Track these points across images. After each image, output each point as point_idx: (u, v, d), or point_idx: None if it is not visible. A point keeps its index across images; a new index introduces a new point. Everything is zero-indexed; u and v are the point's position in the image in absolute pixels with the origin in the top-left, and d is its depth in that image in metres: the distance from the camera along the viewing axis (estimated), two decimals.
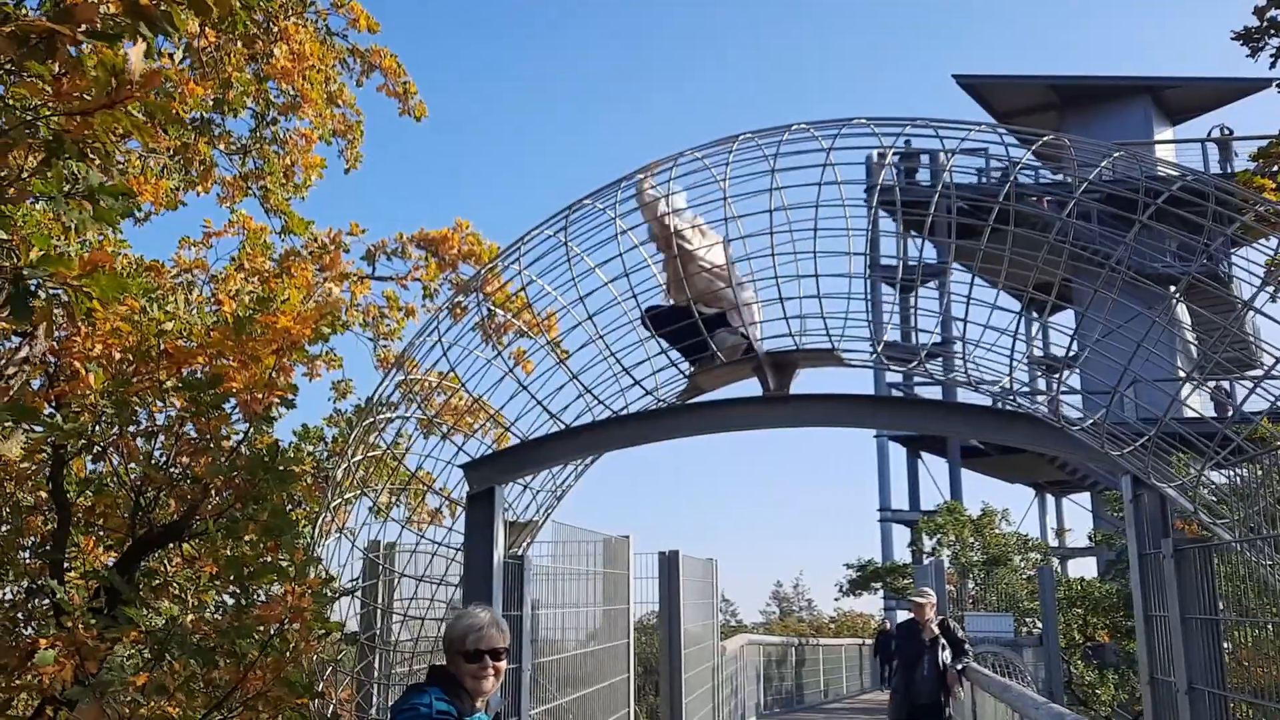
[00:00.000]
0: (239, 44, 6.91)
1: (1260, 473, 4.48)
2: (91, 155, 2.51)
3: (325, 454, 9.55)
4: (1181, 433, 5.16)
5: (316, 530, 6.64)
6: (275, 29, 7.25)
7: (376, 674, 6.80)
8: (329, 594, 4.74)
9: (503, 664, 3.78)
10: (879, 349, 5.67)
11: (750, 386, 6.02)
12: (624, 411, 6.04)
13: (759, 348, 5.65)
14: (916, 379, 29.87)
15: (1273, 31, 6.81)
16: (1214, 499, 4.89)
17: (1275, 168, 7.29)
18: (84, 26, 2.15)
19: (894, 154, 5.68)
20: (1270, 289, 5.19)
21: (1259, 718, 4.28)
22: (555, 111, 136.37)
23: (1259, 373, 4.76)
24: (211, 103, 7.04)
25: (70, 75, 2.37)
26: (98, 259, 2.27)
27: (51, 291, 2.33)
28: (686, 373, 6.11)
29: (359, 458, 6.97)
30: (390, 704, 3.78)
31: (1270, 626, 4.34)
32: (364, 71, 8.88)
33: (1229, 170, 28.83)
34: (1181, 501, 4.70)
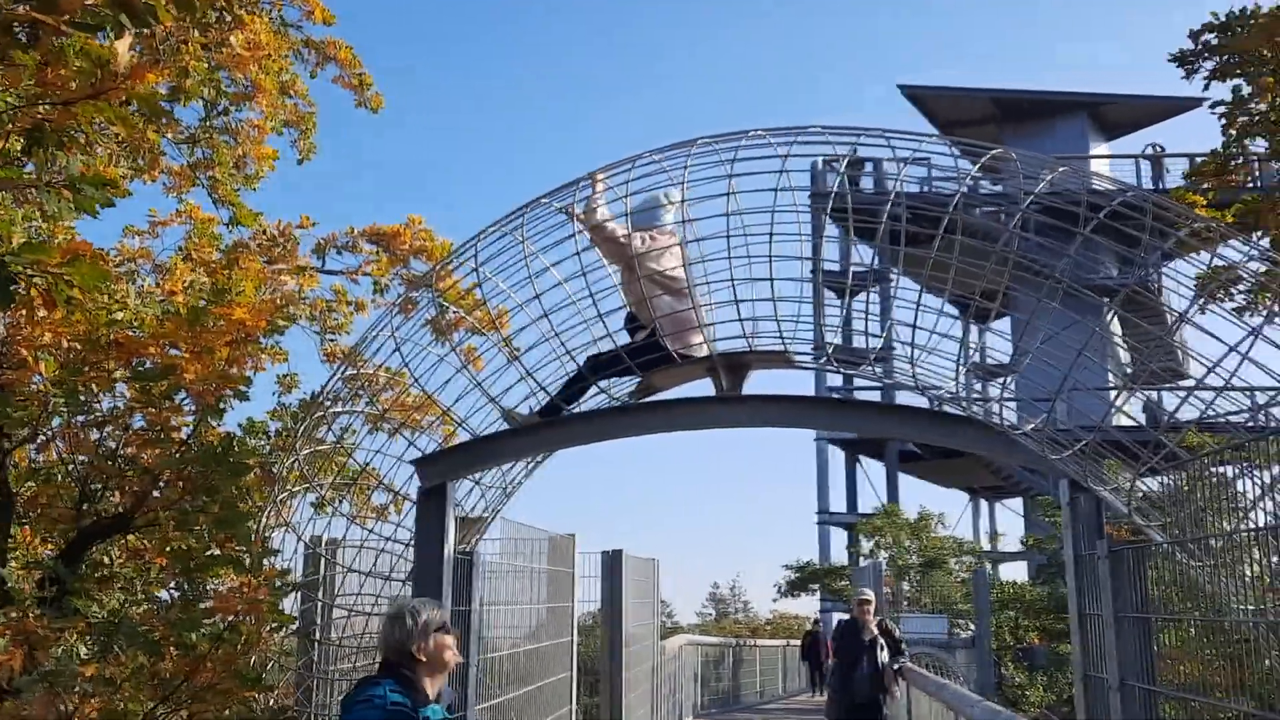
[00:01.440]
0: (195, 31, 6.84)
1: (1189, 479, 4.67)
2: (70, 145, 2.50)
3: (268, 448, 9.47)
4: (1118, 439, 5.34)
5: (261, 525, 6.59)
6: (230, 17, 7.18)
7: (316, 669, 6.77)
8: (284, 586, 4.72)
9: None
10: (830, 352, 5.79)
11: (703, 386, 6.12)
12: (577, 410, 6.09)
13: (713, 349, 5.74)
14: (855, 383, 30.29)
15: (1206, 55, 7.07)
16: (1146, 503, 5.08)
17: (1206, 185, 7.56)
18: (67, 17, 2.15)
19: (843, 162, 5.81)
20: (1201, 301, 5.40)
21: (1186, 712, 4.46)
22: (519, 109, 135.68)
23: (1190, 383, 4.96)
24: (166, 90, 6.95)
25: (54, 65, 2.36)
26: (78, 247, 2.26)
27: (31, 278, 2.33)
28: (640, 372, 6.18)
29: (306, 451, 6.94)
30: (342, 699, 3.79)
31: (1196, 625, 4.52)
32: (319, 63, 8.82)
33: (1161, 186, 29.64)
34: (1116, 504, 4.87)
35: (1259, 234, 7.72)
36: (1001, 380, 5.73)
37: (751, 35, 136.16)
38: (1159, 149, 32.58)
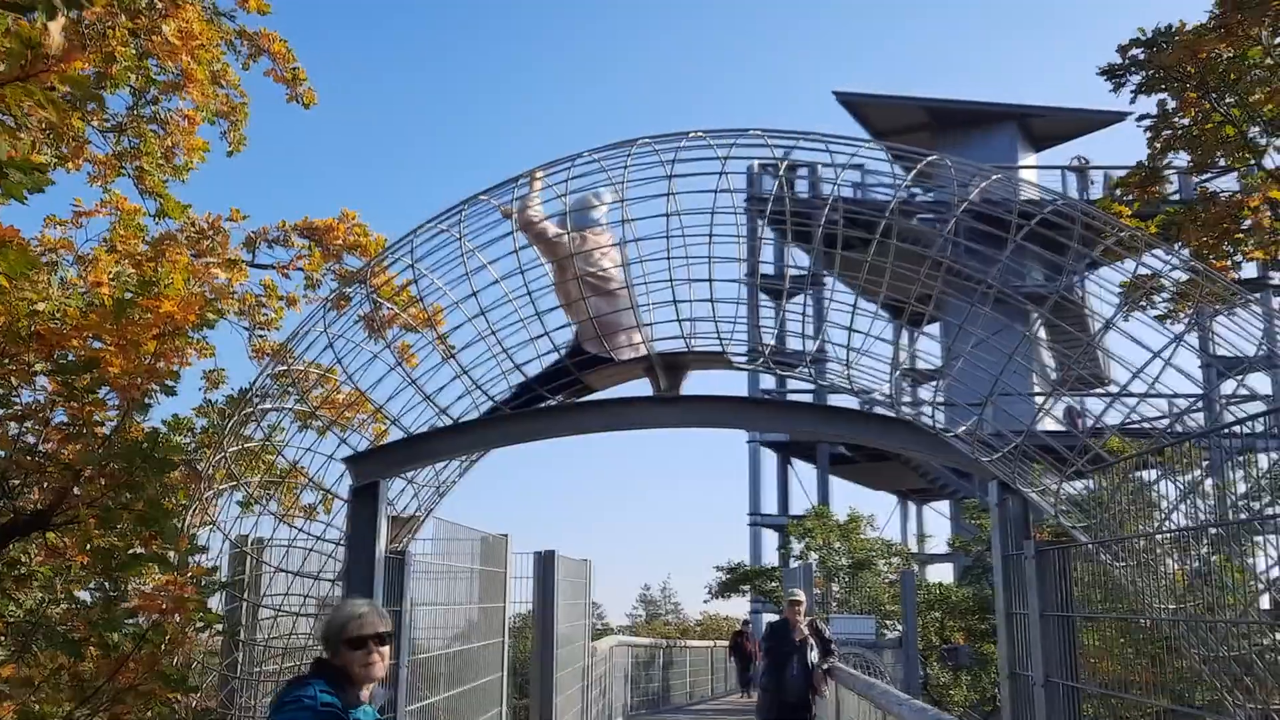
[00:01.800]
0: (123, 17, 6.67)
1: (1111, 482, 4.79)
2: None
3: (194, 445, 9.26)
4: (1047, 443, 5.46)
5: (185, 524, 6.44)
6: (160, 4, 7.02)
7: (241, 671, 6.63)
8: (211, 585, 4.62)
9: (387, 650, 3.77)
10: (766, 353, 5.83)
11: (641, 386, 6.12)
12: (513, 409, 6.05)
13: (651, 349, 5.75)
14: (789, 385, 30.56)
15: (1133, 69, 7.26)
16: (1071, 505, 5.19)
17: (1131, 196, 7.77)
18: None
19: (781, 166, 5.85)
20: (1125, 309, 5.54)
21: (1107, 708, 4.57)
22: (458, 107, 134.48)
23: (1115, 389, 5.08)
24: (93, 77, 6.76)
25: None
26: (4, 234, 2.18)
27: None
28: (578, 372, 6.16)
29: (233, 449, 6.79)
30: (272, 698, 3.71)
31: (1117, 623, 4.63)
32: (252, 55, 8.66)
33: (1086, 197, 30.40)
34: (1043, 506, 4.98)
35: (1180, 244, 7.95)
36: (933, 383, 5.83)
37: (689, 38, 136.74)
38: (1083, 161, 33.40)
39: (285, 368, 6.51)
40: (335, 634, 3.71)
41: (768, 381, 30.83)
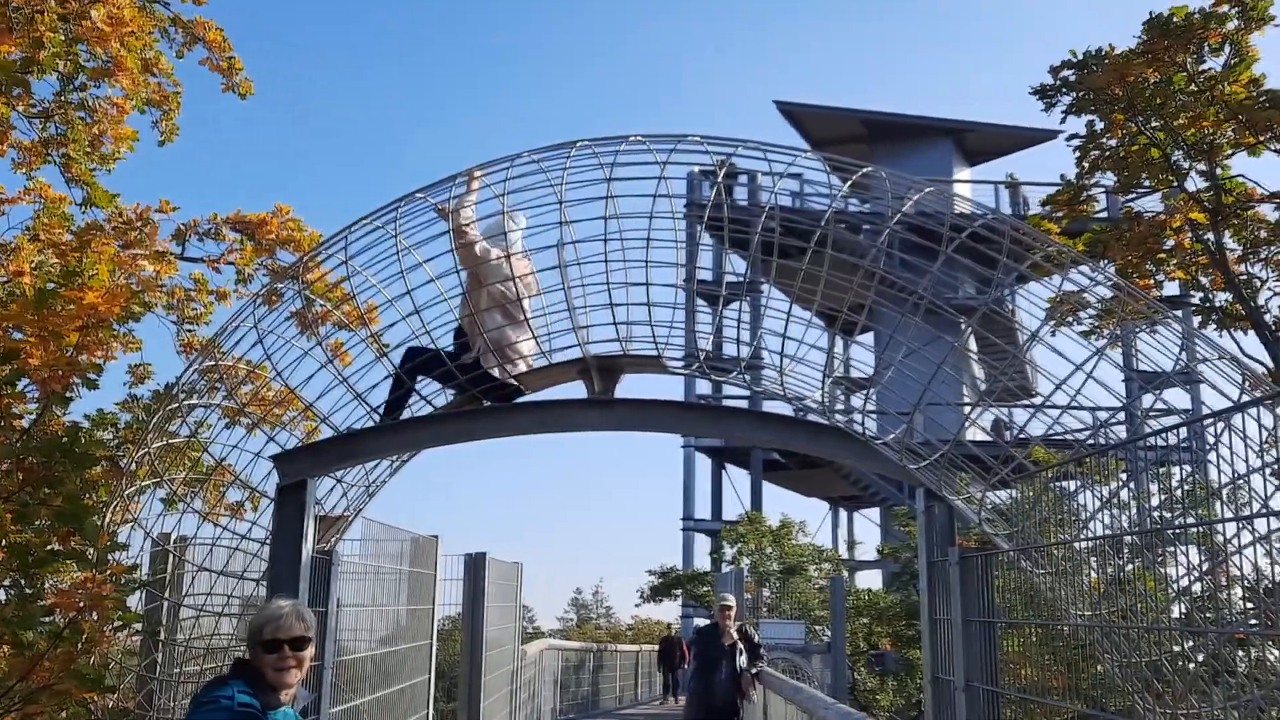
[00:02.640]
0: (52, 1, 6.50)
1: (1034, 491, 4.89)
2: None
3: (117, 441, 9.04)
4: (973, 452, 5.57)
5: (106, 521, 6.29)
6: None
7: (160, 671, 6.50)
8: (131, 583, 4.51)
9: (305, 654, 3.69)
10: (702, 358, 5.87)
11: (575, 389, 6.12)
12: (445, 409, 6.02)
13: (586, 351, 5.75)
14: (724, 391, 30.74)
15: (1064, 90, 7.45)
16: (995, 514, 5.30)
17: (1060, 213, 7.97)
18: None
19: (720, 172, 5.90)
20: (1052, 323, 5.67)
21: (1025, 713, 4.67)
22: (397, 103, 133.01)
23: (1039, 400, 5.20)
24: (20, 61, 6.58)
25: None
26: None
27: None
28: (512, 372, 6.14)
29: (157, 445, 6.65)
30: (191, 699, 3.64)
31: (1036, 630, 4.74)
32: (186, 43, 8.49)
33: (1017, 213, 31.06)
34: (967, 513, 5.08)
35: (1106, 262, 8.16)
36: (864, 392, 5.91)
37: (629, 42, 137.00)
38: (1014, 178, 34.12)
39: (213, 363, 6.39)
40: (253, 635, 3.65)
41: (704, 386, 30.99)
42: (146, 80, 8.63)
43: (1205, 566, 4.16)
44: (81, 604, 4.11)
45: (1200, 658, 3.86)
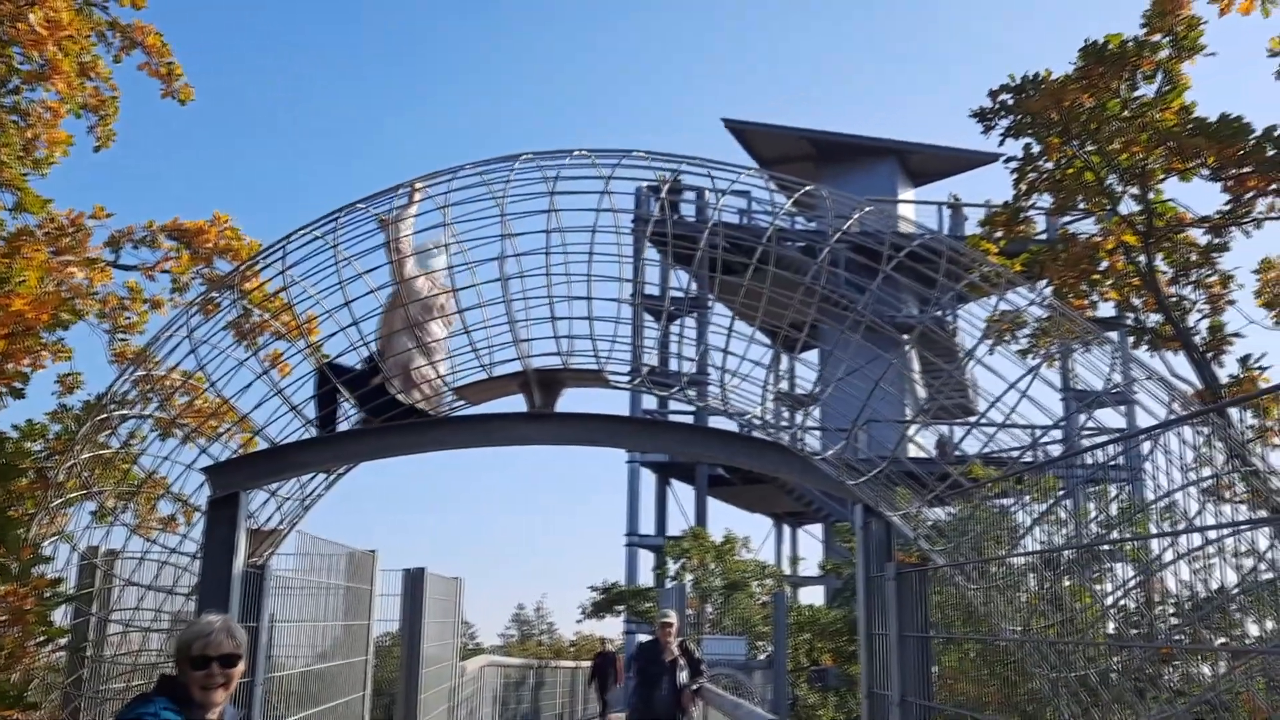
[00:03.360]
0: None
1: (970, 508, 4.95)
2: None
3: (45, 452, 8.82)
4: (910, 469, 5.62)
5: (32, 533, 6.12)
6: None
7: (86, 688, 6.32)
8: (55, 597, 4.38)
9: (235, 671, 3.61)
10: (644, 373, 5.86)
11: (516, 403, 6.08)
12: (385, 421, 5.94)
13: (528, 364, 5.72)
14: (669, 406, 30.79)
15: (1003, 113, 7.59)
16: (933, 530, 5.35)
17: (998, 234, 8.11)
18: None
19: (664, 188, 5.91)
20: (990, 341, 5.75)
21: None
22: (341, 117, 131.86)
23: (978, 418, 5.27)
24: None
25: None
26: None
27: None
28: (452, 385, 6.09)
29: (86, 456, 6.49)
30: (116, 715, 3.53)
31: (971, 644, 4.78)
32: (124, 47, 8.34)
33: (960, 234, 31.58)
34: (904, 530, 5.12)
35: (1044, 283, 8.31)
36: (805, 408, 5.95)
37: (576, 58, 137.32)
38: (956, 198, 34.70)
39: (146, 373, 6.25)
40: (181, 651, 3.57)
41: (650, 402, 31.01)
42: (83, 84, 8.48)
43: (1135, 581, 4.23)
44: (3, 618, 3.98)
45: (1124, 670, 3.92)
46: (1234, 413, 6.65)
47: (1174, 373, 7.56)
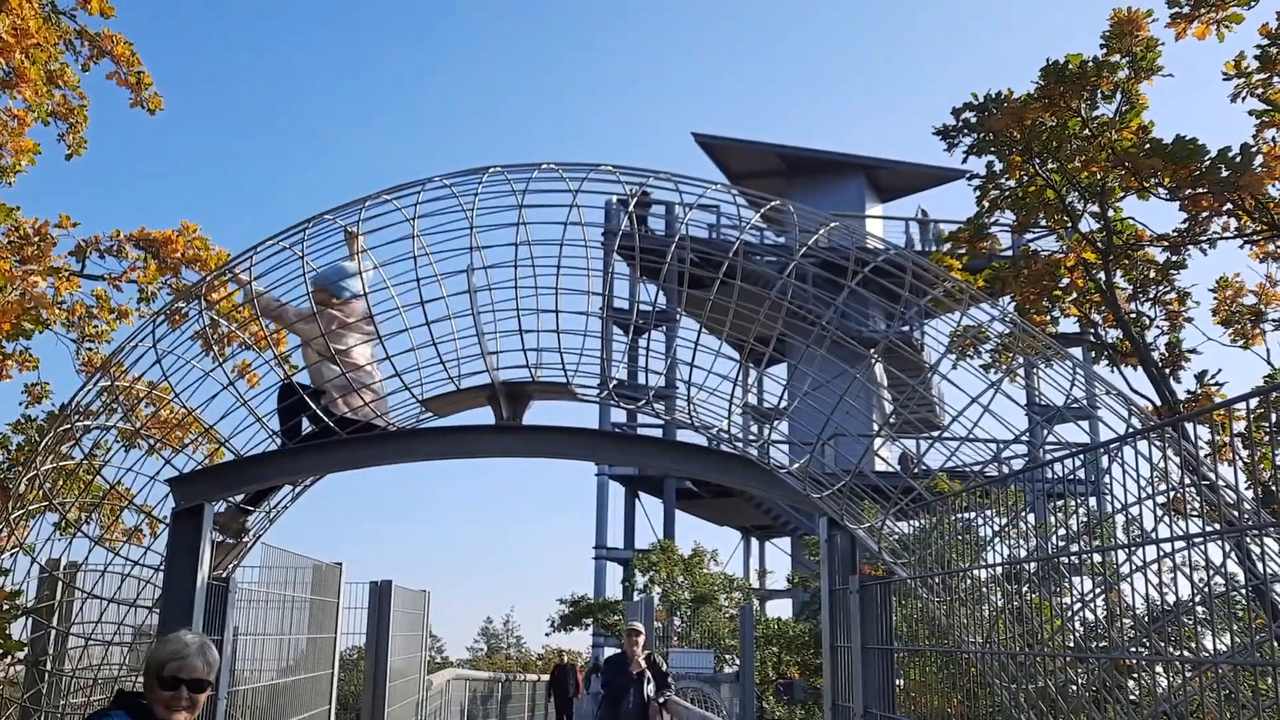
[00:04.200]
0: None
1: (933, 520, 5.01)
2: None
3: (6, 463, 8.71)
4: (875, 483, 5.67)
5: None
6: None
7: (46, 703, 6.25)
8: (12, 610, 4.34)
9: (202, 698, 3.56)
10: (610, 387, 5.89)
11: (483, 415, 6.09)
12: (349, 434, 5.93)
13: (495, 377, 5.73)
14: (639, 420, 30.82)
15: (965, 130, 7.70)
16: (897, 543, 5.41)
17: (962, 250, 8.22)
18: None
19: (632, 202, 5.95)
20: (953, 356, 5.83)
21: None
22: (311, 127, 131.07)
23: (946, 434, 5.34)
24: None
25: None
26: None
27: None
28: (419, 397, 6.09)
29: (47, 467, 6.42)
30: None
31: (935, 656, 4.83)
32: (93, 56, 8.29)
33: (925, 249, 31.87)
34: (869, 543, 5.17)
35: (1007, 299, 8.42)
36: (772, 421, 6.00)
37: (546, 73, 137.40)
38: (924, 213, 35.03)
39: (110, 383, 6.21)
40: (153, 668, 3.51)
41: (619, 415, 31.01)
42: (50, 92, 8.42)
43: (1096, 593, 4.29)
44: None
45: (1084, 682, 3.98)
46: (1190, 428, 6.77)
47: (1133, 388, 7.69)
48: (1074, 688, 4.07)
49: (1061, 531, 4.99)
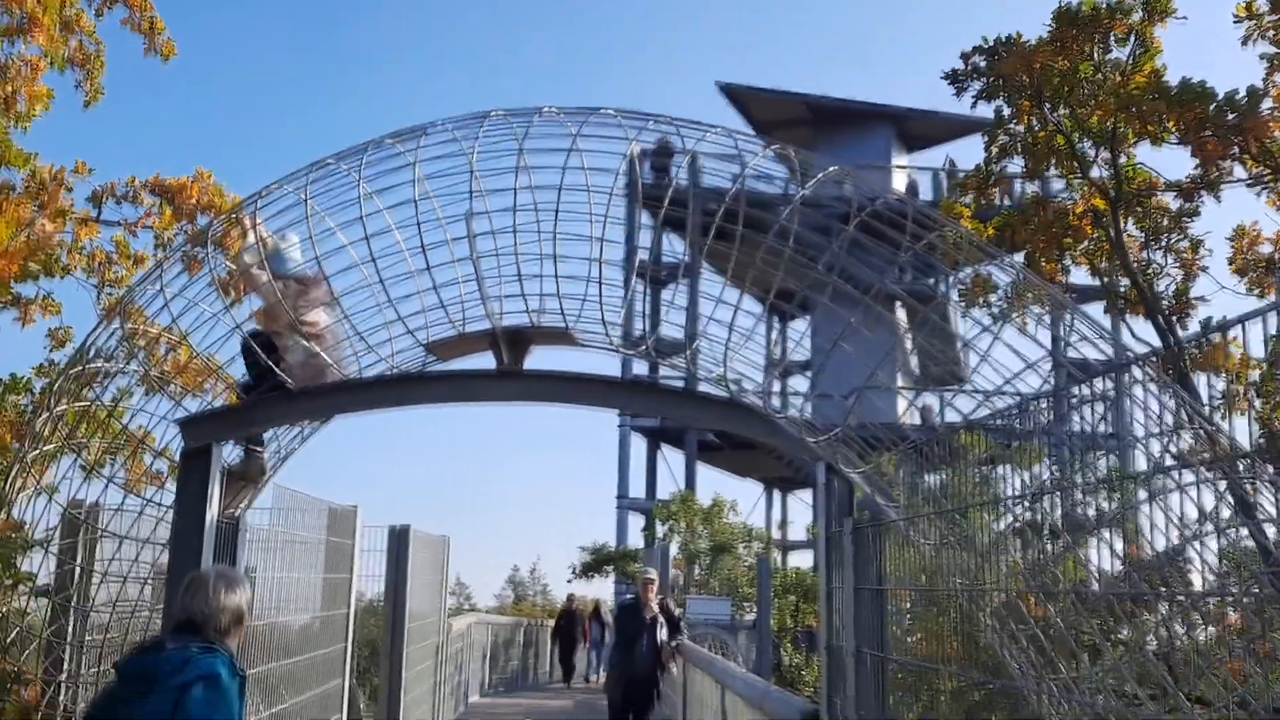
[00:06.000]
0: None
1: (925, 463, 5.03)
2: None
3: (31, 407, 8.90)
4: (874, 433, 5.69)
5: (8, 484, 6.21)
6: None
7: (71, 637, 6.45)
8: (17, 541, 4.48)
9: (232, 631, 3.92)
10: (611, 333, 5.92)
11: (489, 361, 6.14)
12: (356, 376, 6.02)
13: (496, 323, 5.78)
14: (661, 373, 30.86)
15: (975, 75, 7.60)
16: (887, 484, 5.44)
17: (968, 198, 8.15)
18: None
19: (642, 150, 5.95)
20: (973, 307, 5.80)
21: (910, 675, 4.83)
22: (331, 68, 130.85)
23: (972, 389, 5.34)
24: None
25: None
26: None
27: None
28: (424, 342, 6.16)
29: (61, 408, 6.57)
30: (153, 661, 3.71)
31: (933, 601, 4.88)
32: (106, 2, 8.33)
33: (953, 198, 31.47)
34: (861, 483, 5.21)
35: (1022, 250, 8.33)
36: (777, 368, 6.02)
37: (570, 21, 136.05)
38: (952, 163, 34.57)
39: (120, 326, 6.32)
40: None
41: (642, 367, 31.09)
42: (65, 39, 8.47)
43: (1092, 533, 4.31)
44: None
45: (1072, 623, 4.01)
46: (1201, 380, 6.70)
47: (1137, 337, 7.62)
48: (1063, 627, 4.11)
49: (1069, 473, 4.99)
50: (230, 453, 6.21)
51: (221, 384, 6.94)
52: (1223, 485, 3.52)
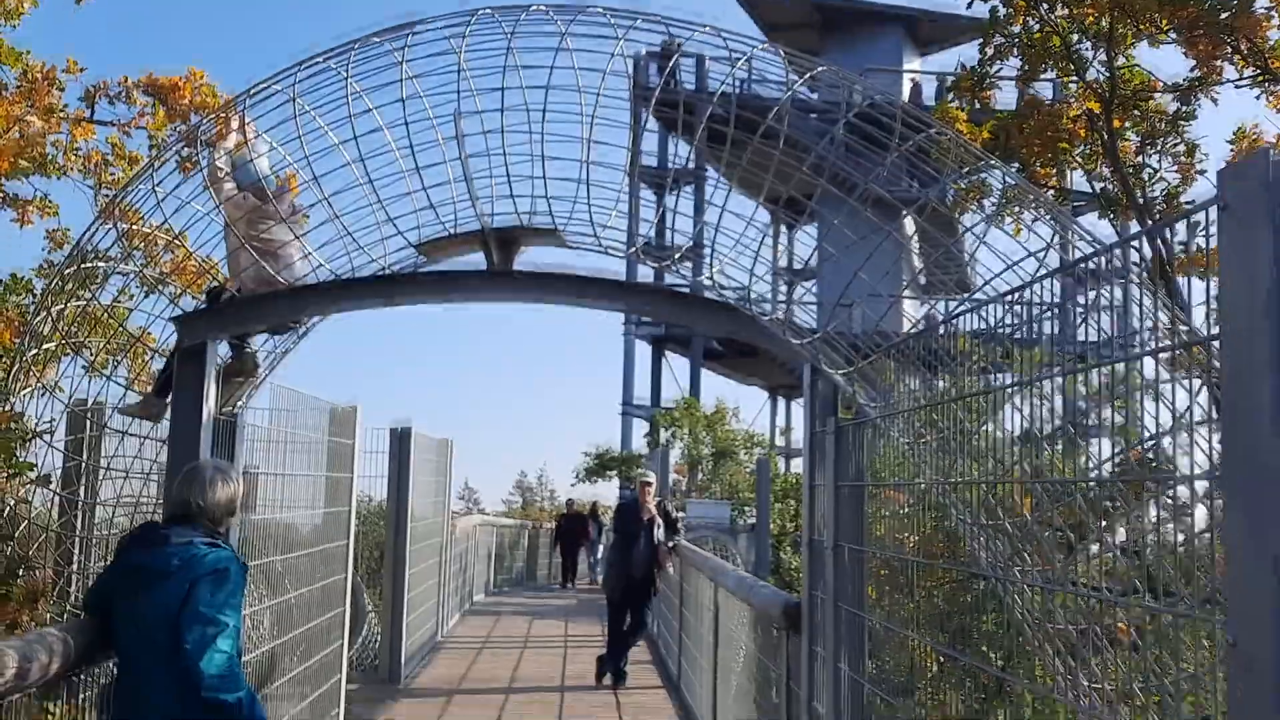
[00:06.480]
0: None
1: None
2: None
3: (33, 306, 8.98)
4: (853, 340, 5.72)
5: (10, 377, 6.33)
6: None
7: (80, 531, 6.64)
8: (13, 433, 4.60)
9: (224, 519, 4.09)
10: (601, 235, 5.95)
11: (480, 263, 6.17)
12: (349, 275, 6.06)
13: (486, 223, 5.80)
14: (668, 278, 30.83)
15: None
16: (865, 382, 5.52)
17: (960, 100, 8.07)
18: None
19: (617, 45, 5.88)
20: (958, 210, 5.81)
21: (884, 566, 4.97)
22: None
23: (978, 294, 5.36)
24: None
25: None
26: None
27: None
28: (415, 243, 6.18)
29: (59, 307, 6.64)
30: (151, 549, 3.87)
31: (915, 497, 4.98)
32: None
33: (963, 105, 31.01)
34: (842, 384, 5.29)
35: (1018, 157, 8.23)
36: (789, 279, 6.06)
37: None
38: (963, 68, 33.98)
39: (111, 225, 6.36)
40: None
41: (648, 274, 31.02)
42: None
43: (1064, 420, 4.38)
44: None
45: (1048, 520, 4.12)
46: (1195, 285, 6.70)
47: (1128, 244, 7.55)
48: (1034, 525, 4.21)
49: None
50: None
51: (217, 282, 7.00)
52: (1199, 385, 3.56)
